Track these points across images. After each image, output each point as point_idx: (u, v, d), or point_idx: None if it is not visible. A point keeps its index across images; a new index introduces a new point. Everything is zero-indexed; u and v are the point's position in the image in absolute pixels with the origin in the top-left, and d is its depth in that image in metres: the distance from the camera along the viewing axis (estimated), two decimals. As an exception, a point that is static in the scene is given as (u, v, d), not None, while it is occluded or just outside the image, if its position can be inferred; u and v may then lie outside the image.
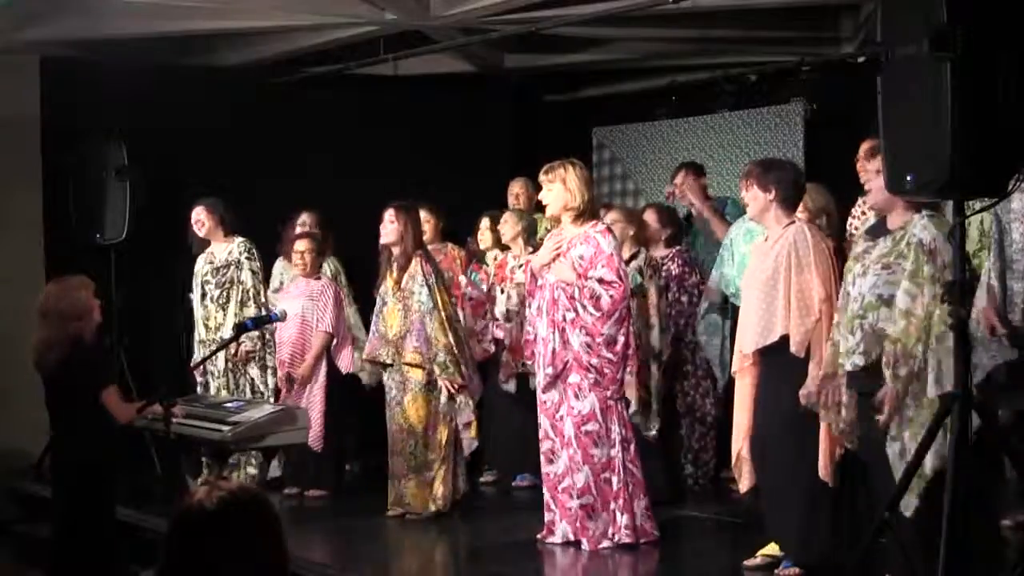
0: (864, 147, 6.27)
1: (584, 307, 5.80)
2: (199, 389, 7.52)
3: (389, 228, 6.66)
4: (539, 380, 5.99)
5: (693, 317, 7.12)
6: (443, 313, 6.59)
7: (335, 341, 7.40)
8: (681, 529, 6.52)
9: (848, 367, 4.68)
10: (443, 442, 6.62)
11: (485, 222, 7.93)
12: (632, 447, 5.91)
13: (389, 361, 6.68)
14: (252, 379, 7.52)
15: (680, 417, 7.19)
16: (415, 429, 6.62)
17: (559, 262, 5.90)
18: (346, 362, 7.48)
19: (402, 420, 6.65)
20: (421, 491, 6.63)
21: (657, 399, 6.80)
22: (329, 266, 7.96)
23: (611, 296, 5.78)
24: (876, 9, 5.18)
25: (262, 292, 7.62)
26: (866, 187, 4.91)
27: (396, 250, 6.69)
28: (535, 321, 6.03)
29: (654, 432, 6.76)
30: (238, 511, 2.31)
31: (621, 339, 5.84)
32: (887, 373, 4.48)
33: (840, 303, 4.86)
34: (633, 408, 6.67)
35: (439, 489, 6.64)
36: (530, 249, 7.60)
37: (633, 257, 6.86)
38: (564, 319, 5.84)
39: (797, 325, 5.12)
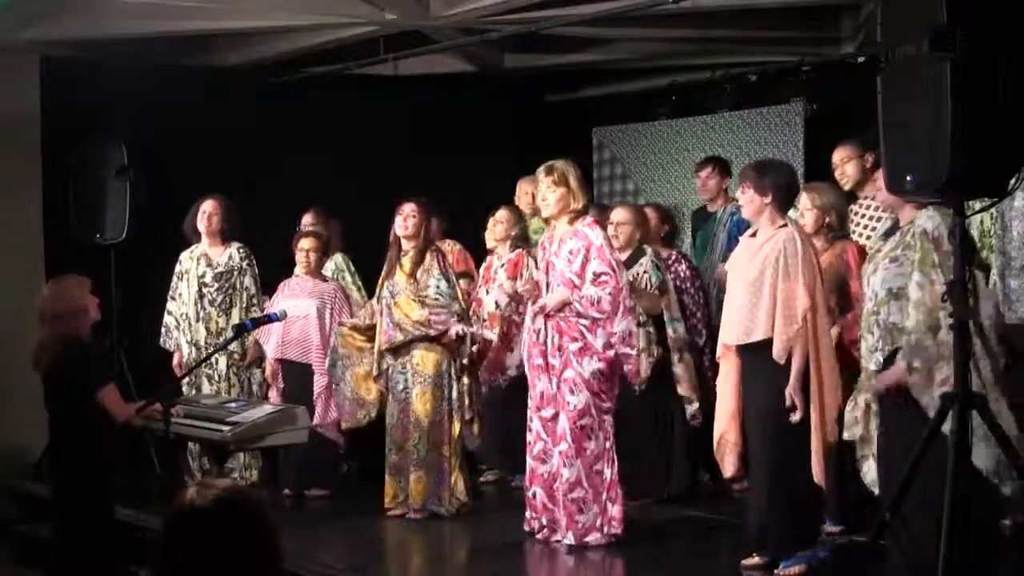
0: (839, 154, 6.31)
1: (592, 322, 5.79)
2: (191, 391, 7.49)
3: (410, 222, 6.65)
4: (537, 386, 6.03)
5: (700, 319, 7.14)
6: (460, 305, 6.65)
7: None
8: (681, 529, 6.53)
9: (872, 366, 4.69)
10: (456, 438, 6.64)
11: (492, 221, 7.93)
12: (615, 440, 5.95)
13: (407, 339, 6.65)
14: (252, 384, 7.53)
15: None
16: (421, 423, 6.60)
17: (549, 293, 5.90)
18: None
19: (410, 413, 6.63)
20: (418, 486, 6.63)
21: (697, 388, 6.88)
22: (337, 263, 7.95)
23: (609, 292, 5.78)
24: (876, 9, 5.18)
25: (261, 298, 7.63)
26: (873, 187, 4.93)
27: (410, 244, 6.68)
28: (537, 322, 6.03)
29: (699, 420, 6.82)
30: (229, 510, 2.31)
31: (633, 328, 5.84)
32: (901, 364, 4.46)
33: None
34: (694, 405, 6.71)
35: (459, 485, 6.65)
36: (518, 249, 7.59)
37: (639, 254, 6.86)
38: (567, 354, 5.84)
39: (780, 333, 5.15)
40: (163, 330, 7.70)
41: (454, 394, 6.63)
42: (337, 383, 6.99)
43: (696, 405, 6.83)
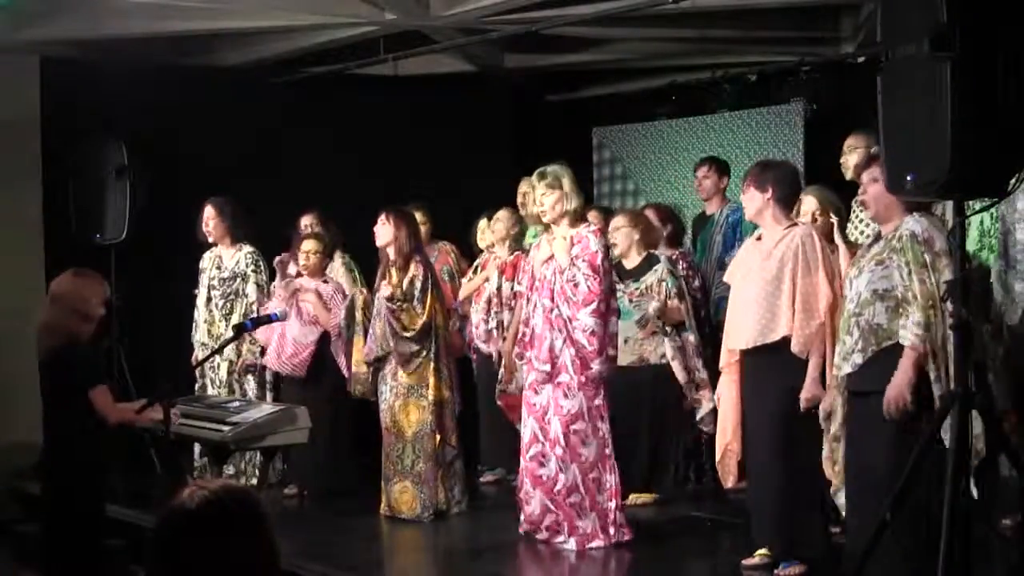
0: (848, 142, 6.32)
1: (566, 300, 5.82)
2: (197, 389, 7.53)
3: (382, 231, 6.74)
4: (530, 379, 6.00)
5: (696, 320, 7.14)
6: (435, 320, 6.66)
7: (339, 340, 7.39)
8: (681, 529, 6.53)
9: (848, 368, 4.66)
10: (438, 449, 6.66)
11: (483, 223, 7.95)
12: (614, 446, 5.94)
13: (382, 353, 6.73)
14: (247, 392, 7.56)
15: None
16: (404, 434, 6.67)
17: (560, 249, 5.91)
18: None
19: (391, 424, 6.71)
20: (404, 496, 6.67)
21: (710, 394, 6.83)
22: (346, 262, 7.98)
23: (588, 286, 5.78)
24: (876, 9, 5.17)
25: (263, 305, 7.61)
26: (860, 193, 4.93)
27: (391, 252, 6.73)
28: (531, 319, 6.03)
29: (712, 427, 6.81)
30: (221, 511, 2.31)
31: (616, 330, 5.83)
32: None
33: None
34: (708, 408, 6.69)
35: (441, 494, 6.67)
36: (512, 247, 7.59)
37: (652, 260, 6.84)
38: (561, 314, 5.85)
39: (801, 327, 5.14)
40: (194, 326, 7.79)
41: (429, 408, 6.65)
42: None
43: (710, 407, 6.73)
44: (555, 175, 5.91)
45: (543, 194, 5.94)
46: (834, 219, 5.83)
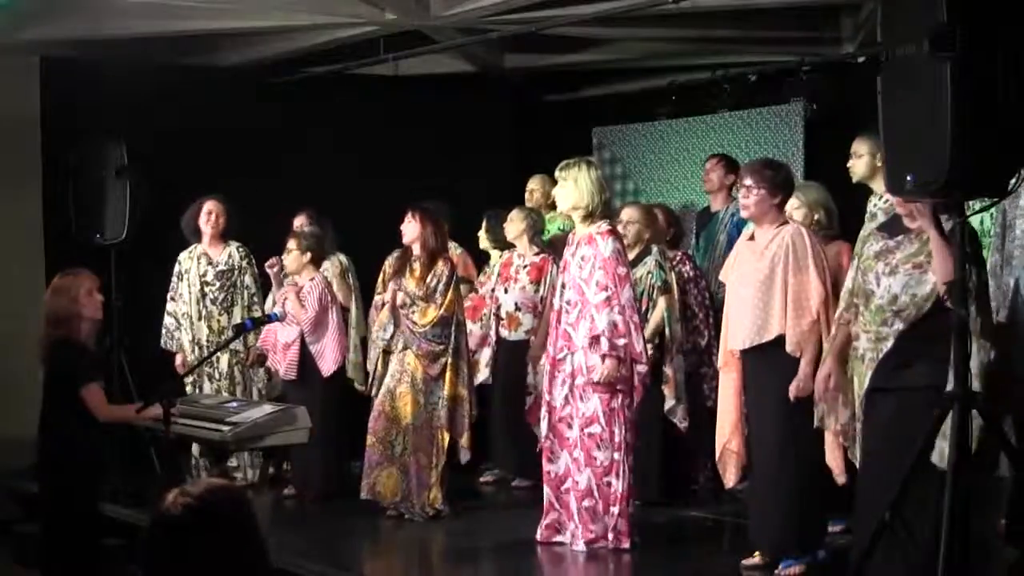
0: (854, 146, 6.30)
1: (579, 301, 5.86)
2: (194, 390, 7.52)
3: (408, 228, 6.75)
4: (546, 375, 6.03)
5: (703, 320, 7.14)
6: (456, 316, 6.70)
7: (316, 340, 7.38)
8: (681, 529, 6.53)
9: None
10: (443, 447, 6.66)
11: (483, 225, 7.98)
12: (631, 451, 5.92)
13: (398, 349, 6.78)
14: (255, 382, 7.59)
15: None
16: (402, 422, 6.67)
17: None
18: (328, 364, 7.39)
19: (389, 408, 6.71)
20: (389, 481, 6.68)
21: (685, 390, 6.88)
22: (339, 261, 7.97)
23: (600, 289, 5.76)
24: (876, 9, 5.17)
25: (261, 295, 7.69)
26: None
27: (417, 248, 6.74)
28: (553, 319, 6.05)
29: (685, 424, 6.84)
30: (206, 512, 2.31)
31: (615, 319, 5.81)
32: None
33: (844, 300, 4.83)
34: (671, 403, 6.73)
35: (438, 496, 6.67)
36: (535, 249, 7.62)
37: (645, 253, 6.88)
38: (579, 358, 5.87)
39: (793, 326, 5.15)
40: (164, 331, 7.75)
41: (442, 404, 6.65)
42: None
43: (673, 403, 6.82)
44: (572, 169, 5.94)
45: (560, 185, 5.98)
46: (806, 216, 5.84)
